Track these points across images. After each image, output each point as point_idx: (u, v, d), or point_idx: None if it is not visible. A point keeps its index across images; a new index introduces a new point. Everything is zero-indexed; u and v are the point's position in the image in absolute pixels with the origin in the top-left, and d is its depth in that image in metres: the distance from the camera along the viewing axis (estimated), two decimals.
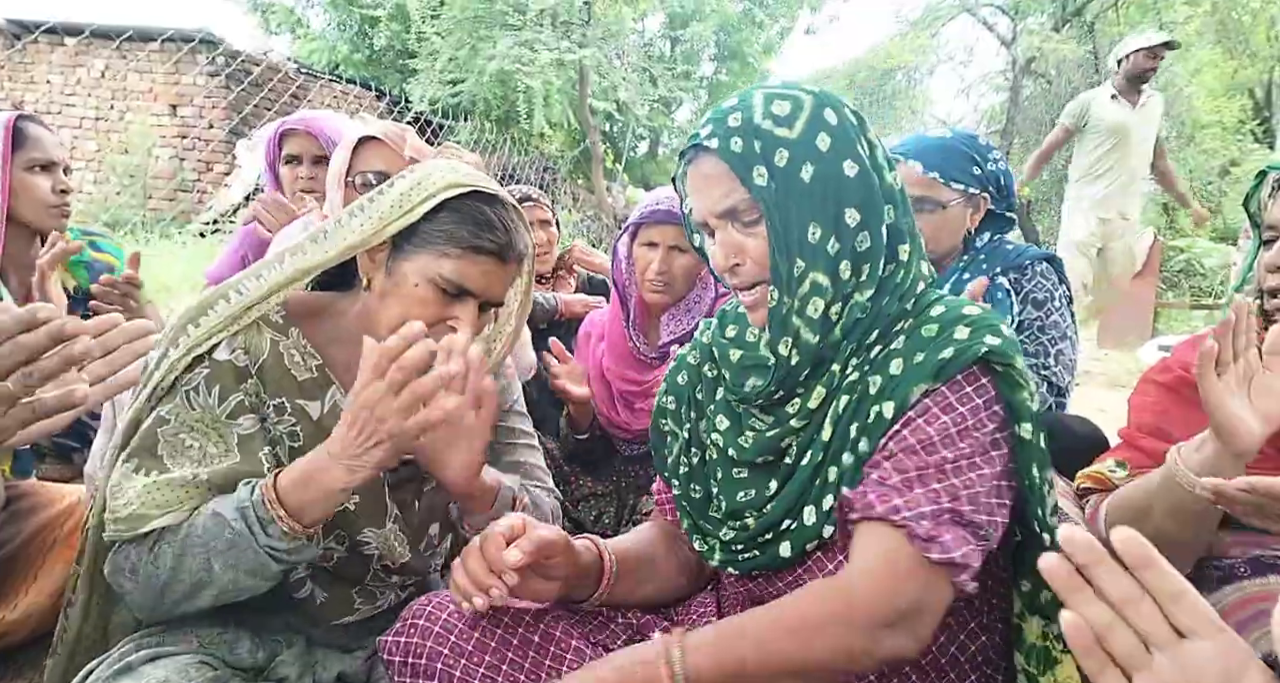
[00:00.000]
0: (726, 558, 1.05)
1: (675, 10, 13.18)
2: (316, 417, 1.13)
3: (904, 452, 0.89)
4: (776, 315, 0.97)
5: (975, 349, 0.90)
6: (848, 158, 0.96)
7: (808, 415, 0.99)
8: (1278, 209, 1.21)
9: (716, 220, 0.99)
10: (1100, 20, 12.14)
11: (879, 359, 0.96)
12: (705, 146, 0.97)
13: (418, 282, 1.10)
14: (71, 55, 8.71)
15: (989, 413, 0.91)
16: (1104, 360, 7.76)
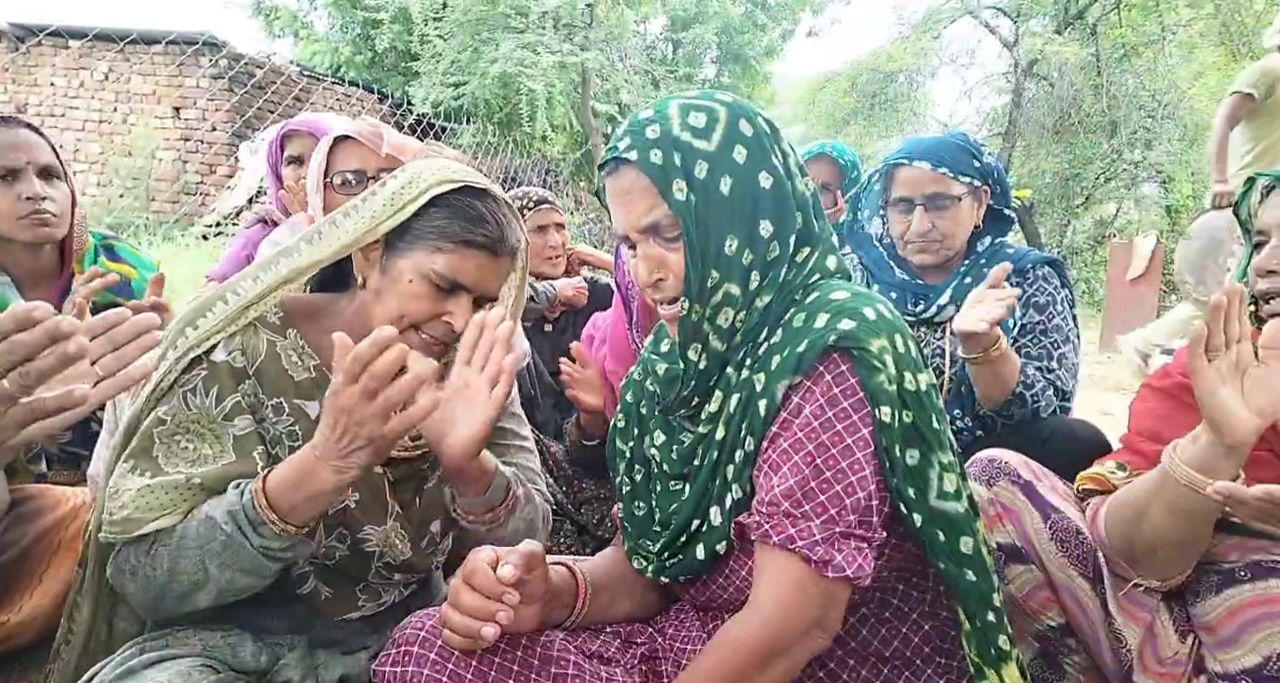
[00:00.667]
0: (656, 567, 1.08)
1: (677, 13, 13.19)
2: (315, 415, 1.13)
3: (781, 458, 0.92)
4: (687, 324, 0.99)
5: (825, 337, 0.91)
6: (763, 169, 0.98)
7: (712, 419, 1.02)
8: (1267, 214, 1.22)
9: (638, 235, 0.99)
10: (1102, 23, 12.13)
11: (763, 356, 0.98)
12: (625, 159, 0.97)
13: (411, 278, 1.11)
14: (75, 58, 8.73)
15: (850, 403, 0.92)
16: (1107, 364, 7.75)
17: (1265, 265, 1.20)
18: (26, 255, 1.78)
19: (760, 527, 0.92)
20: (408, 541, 1.21)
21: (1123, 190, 13.83)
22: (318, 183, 1.81)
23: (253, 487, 1.01)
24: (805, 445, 0.91)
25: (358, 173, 1.78)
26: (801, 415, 0.92)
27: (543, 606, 1.01)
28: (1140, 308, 8.80)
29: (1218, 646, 1.18)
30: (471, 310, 1.15)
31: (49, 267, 1.83)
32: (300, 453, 1.01)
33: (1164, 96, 11.89)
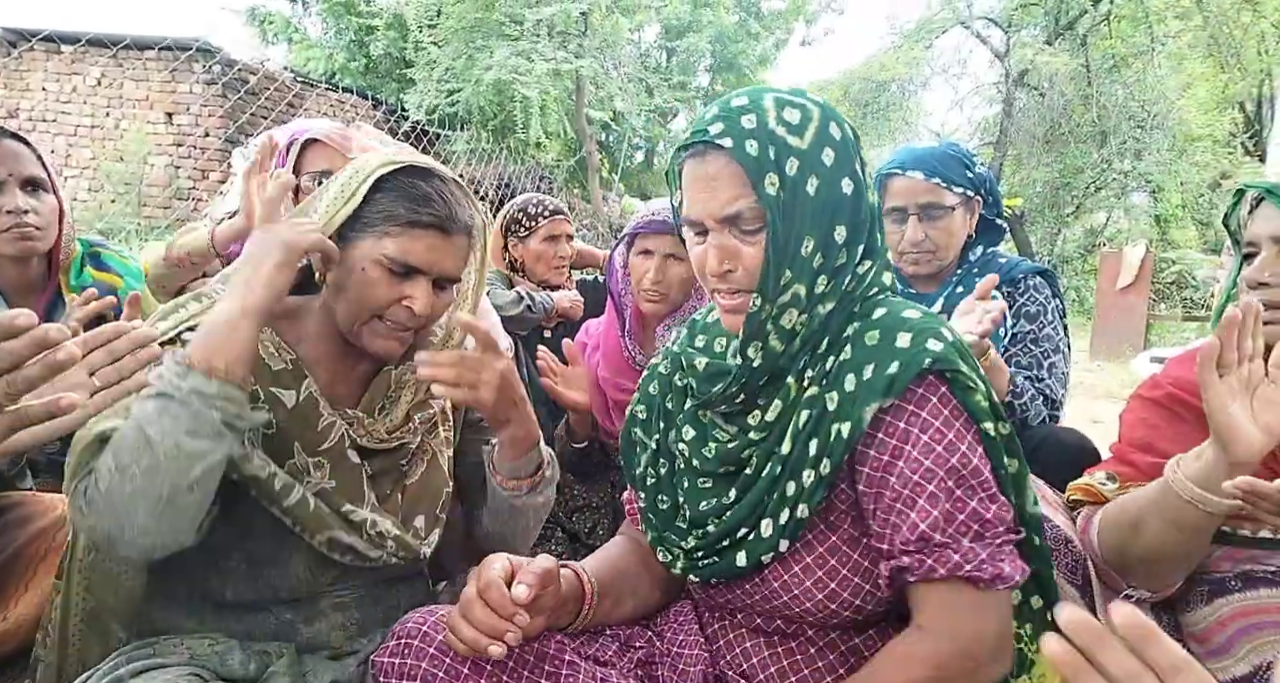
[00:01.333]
0: (687, 565, 1.07)
1: (671, 22, 13.27)
2: (291, 405, 1.14)
3: (915, 492, 0.91)
4: (753, 321, 0.96)
5: (920, 359, 0.91)
6: (846, 175, 0.97)
7: (766, 428, 1.01)
8: (1256, 226, 1.22)
9: (716, 223, 0.97)
10: (1093, 34, 12.23)
11: (834, 372, 0.97)
12: (718, 144, 0.94)
13: (364, 266, 1.11)
14: (67, 63, 8.70)
15: (960, 423, 0.93)
16: (1097, 372, 7.78)
17: (1256, 277, 1.20)
18: (12, 267, 1.77)
19: (921, 565, 0.90)
20: (391, 524, 1.19)
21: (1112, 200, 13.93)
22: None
23: (167, 353, 0.99)
24: (936, 473, 0.90)
25: (324, 173, 1.78)
26: (919, 443, 0.91)
27: (549, 614, 1.01)
28: (1130, 316, 8.85)
29: (1208, 655, 1.18)
30: (431, 293, 1.14)
31: (36, 278, 1.81)
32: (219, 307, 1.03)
33: (1153, 107, 12.00)
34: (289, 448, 1.13)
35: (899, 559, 0.92)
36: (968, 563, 0.89)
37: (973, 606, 0.90)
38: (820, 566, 0.98)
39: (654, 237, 1.88)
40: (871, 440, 0.94)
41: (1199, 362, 1.02)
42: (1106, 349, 8.72)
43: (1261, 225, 1.21)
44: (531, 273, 2.69)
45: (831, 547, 0.98)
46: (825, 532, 0.98)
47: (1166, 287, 11.22)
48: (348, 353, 1.20)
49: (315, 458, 1.15)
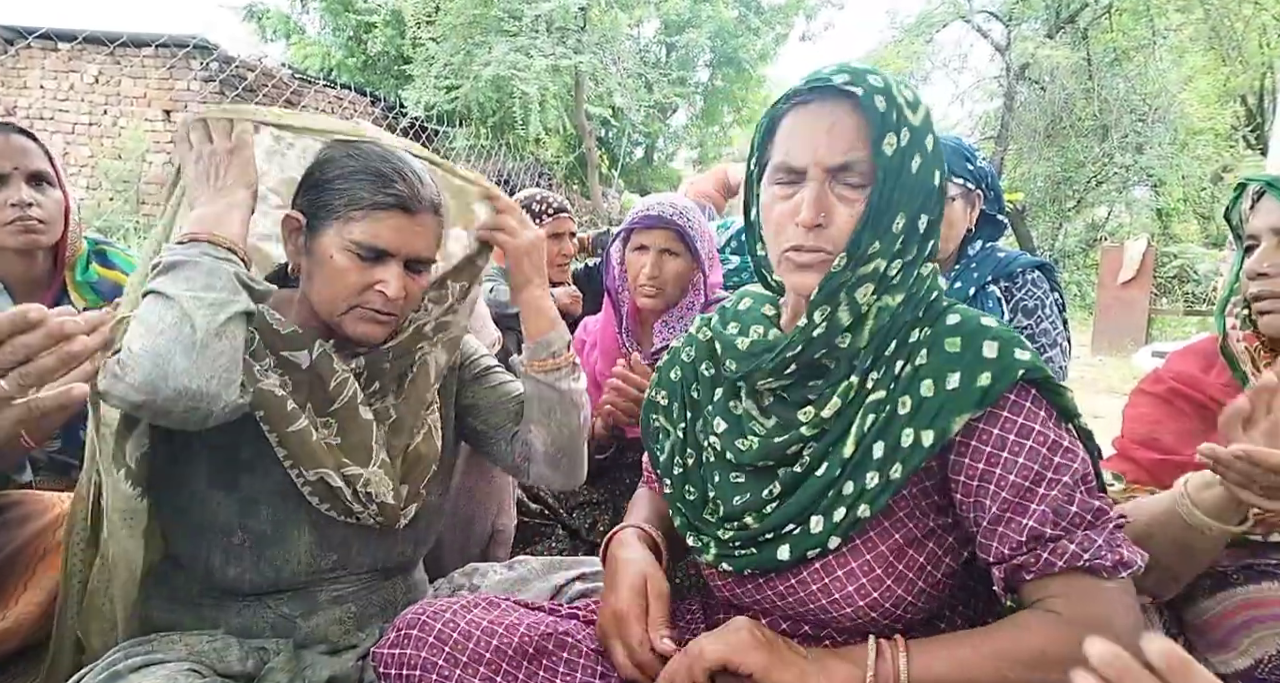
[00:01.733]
0: (721, 554, 1.03)
1: (671, 17, 13.24)
2: (305, 365, 1.14)
3: (1025, 498, 0.89)
4: (831, 283, 0.92)
5: (1014, 370, 0.89)
6: (936, 167, 0.95)
7: (820, 425, 0.97)
8: (1258, 219, 1.22)
9: (819, 172, 0.92)
10: (1093, 27, 12.21)
11: (905, 377, 0.94)
12: (846, 91, 0.91)
13: (333, 253, 1.10)
14: (64, 61, 8.69)
15: (1054, 423, 0.92)
16: (1099, 366, 7.78)
17: (1255, 268, 1.20)
18: (18, 262, 1.77)
19: (1038, 561, 0.88)
20: (391, 488, 1.18)
21: (1114, 194, 13.93)
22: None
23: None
24: (1044, 474, 0.89)
25: None
26: (1022, 449, 0.89)
27: None
28: (1131, 311, 8.85)
29: (1209, 649, 1.18)
30: (403, 275, 1.13)
31: (41, 274, 1.81)
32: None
33: (1154, 101, 11.98)
34: (301, 408, 1.13)
35: (1009, 564, 0.89)
36: (1085, 552, 0.87)
37: (1098, 595, 0.87)
38: (865, 572, 0.95)
39: (649, 231, 1.88)
40: (965, 450, 0.91)
41: (1224, 420, 1.01)
42: (1108, 344, 8.73)
43: (1262, 218, 1.21)
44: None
45: (879, 554, 0.95)
46: (875, 538, 0.95)
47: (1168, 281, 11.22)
48: (334, 335, 1.20)
49: (324, 417, 1.15)
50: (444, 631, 1.01)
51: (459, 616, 1.03)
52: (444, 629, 1.01)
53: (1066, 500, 0.88)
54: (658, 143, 17.00)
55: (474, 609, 1.05)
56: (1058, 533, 0.88)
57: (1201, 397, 1.26)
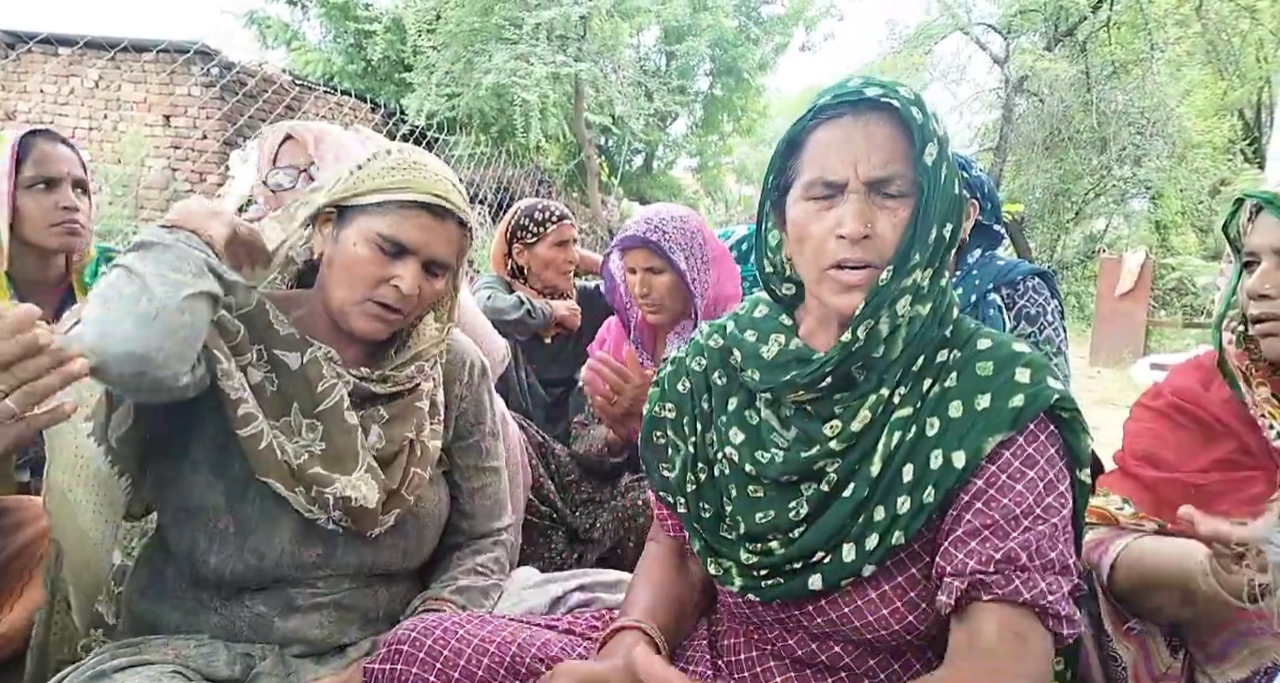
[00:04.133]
0: (748, 584, 0.99)
1: (671, 25, 13.27)
2: (295, 367, 1.16)
3: (1010, 523, 0.87)
4: (879, 297, 0.90)
5: (1046, 396, 0.89)
6: (957, 179, 0.94)
7: (849, 440, 0.94)
8: (1257, 236, 1.21)
9: (859, 185, 0.91)
10: (1092, 40, 12.27)
11: (933, 397, 0.93)
12: (883, 103, 0.90)
13: (356, 242, 1.14)
14: (65, 65, 8.70)
15: (1061, 464, 0.91)
16: (1097, 378, 7.79)
17: (1257, 289, 1.19)
18: (37, 262, 1.84)
19: (1008, 584, 0.86)
20: (376, 489, 1.16)
21: (1112, 206, 13.98)
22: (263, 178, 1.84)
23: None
24: (1034, 510, 0.88)
25: (290, 168, 1.79)
26: (1024, 478, 0.89)
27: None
28: (1129, 323, 8.86)
29: (1208, 661, 1.17)
30: (420, 274, 1.16)
31: (54, 276, 1.88)
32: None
33: (1152, 113, 12.03)
34: (286, 408, 1.15)
35: (975, 577, 0.87)
36: (1051, 596, 0.85)
37: (1038, 642, 0.86)
38: (899, 595, 0.93)
39: (631, 252, 1.89)
40: (979, 470, 0.90)
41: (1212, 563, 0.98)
42: (1106, 355, 8.73)
43: (1261, 236, 1.21)
44: (539, 279, 2.67)
45: (911, 577, 0.93)
46: (906, 560, 0.93)
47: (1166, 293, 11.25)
48: (340, 334, 1.22)
49: (310, 419, 1.16)
50: (435, 648, 0.99)
51: (451, 632, 1.01)
52: (435, 646, 0.99)
53: (1048, 543, 0.87)
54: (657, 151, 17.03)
55: (466, 626, 1.03)
56: (1030, 566, 0.86)
57: (1202, 412, 1.26)
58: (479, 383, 1.39)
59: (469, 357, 1.39)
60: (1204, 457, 1.22)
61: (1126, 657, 1.22)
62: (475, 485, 1.36)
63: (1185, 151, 12.63)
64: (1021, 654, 0.84)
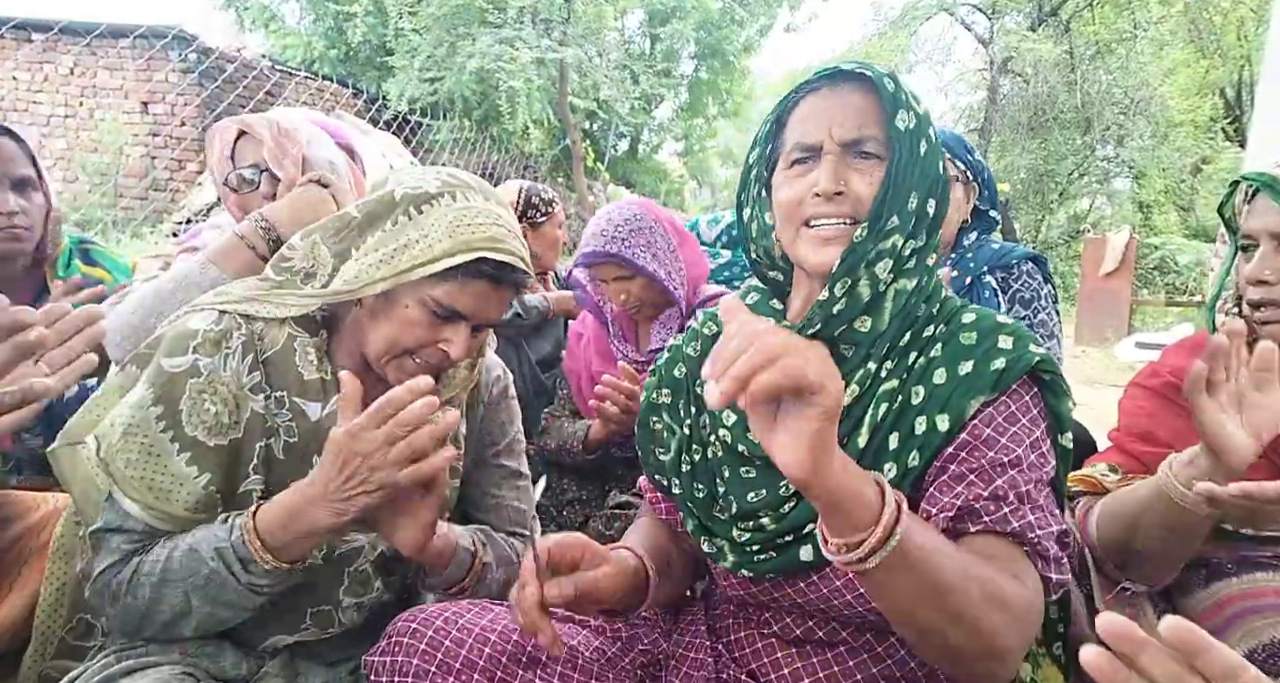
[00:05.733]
0: (741, 560, 1.00)
1: (655, 7, 13.17)
2: (315, 418, 1.11)
3: (995, 470, 0.88)
4: (851, 255, 0.93)
5: (1027, 359, 0.91)
6: (940, 159, 0.98)
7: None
8: (1255, 219, 1.22)
9: (834, 146, 0.95)
10: (1076, 20, 12.29)
11: (918, 368, 0.95)
12: (856, 74, 0.95)
13: (409, 303, 1.07)
14: (39, 52, 8.52)
15: (1046, 424, 0.94)
16: (1082, 357, 7.86)
17: (1256, 275, 1.19)
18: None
19: (997, 511, 0.86)
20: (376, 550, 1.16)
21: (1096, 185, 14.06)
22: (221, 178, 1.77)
23: (243, 523, 0.99)
24: (1020, 464, 0.89)
25: (252, 167, 1.73)
26: (1007, 433, 0.90)
27: (612, 599, 0.96)
28: (1114, 301, 8.94)
29: None
30: (469, 337, 1.11)
31: (20, 272, 1.79)
32: (295, 490, 0.99)
33: (1135, 93, 12.09)
34: (304, 464, 1.10)
35: (962, 508, 0.87)
36: (1038, 530, 0.86)
37: (1030, 575, 0.85)
38: None
39: (596, 267, 1.87)
40: (973, 431, 0.91)
41: (1188, 386, 1.03)
42: (1091, 334, 8.81)
43: (1259, 219, 1.21)
44: (539, 261, 2.65)
45: None
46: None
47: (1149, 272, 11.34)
48: (368, 372, 1.16)
49: None
50: (435, 637, 0.99)
51: (451, 622, 1.01)
52: (436, 636, 0.99)
53: (1034, 488, 0.89)
54: (643, 135, 16.94)
55: (466, 615, 1.03)
56: (1017, 504, 0.87)
57: None
58: (499, 402, 1.34)
59: (493, 373, 1.34)
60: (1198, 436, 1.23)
61: None
62: (491, 502, 1.32)
63: (1168, 131, 12.71)
64: (1014, 581, 0.83)
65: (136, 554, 1.04)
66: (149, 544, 1.04)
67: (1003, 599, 0.80)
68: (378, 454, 0.93)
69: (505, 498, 1.32)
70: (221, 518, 1.03)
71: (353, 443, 0.93)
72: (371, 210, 1.10)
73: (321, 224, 1.15)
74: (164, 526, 1.03)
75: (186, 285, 1.37)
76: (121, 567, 1.03)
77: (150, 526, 1.03)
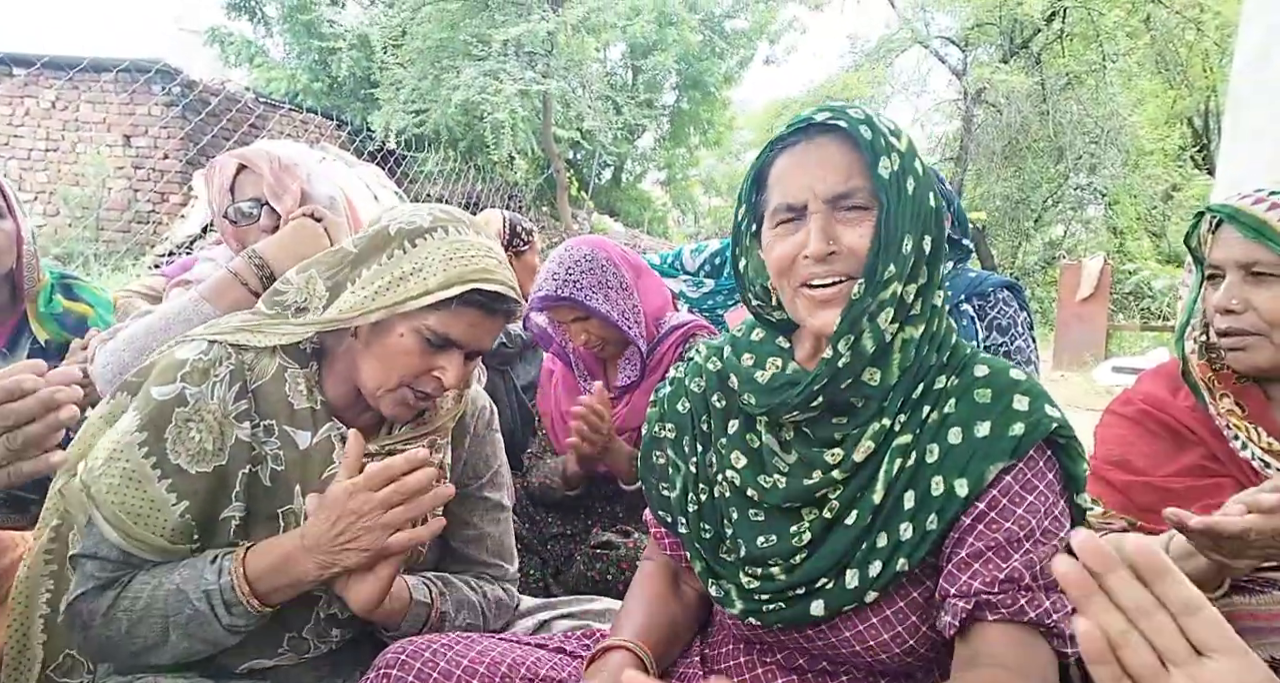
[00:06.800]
0: (750, 608, 0.99)
1: (637, 40, 13.37)
2: (304, 446, 1.12)
3: (1013, 545, 0.88)
4: (853, 311, 0.91)
5: (1045, 425, 0.90)
6: (931, 191, 0.95)
7: (852, 468, 0.95)
8: (1219, 250, 1.24)
9: (819, 204, 0.93)
10: (1046, 52, 12.59)
11: (932, 424, 0.94)
12: (831, 126, 0.93)
13: (403, 332, 1.08)
14: (19, 86, 8.51)
15: (1059, 488, 0.93)
16: (1060, 382, 7.93)
17: (1223, 304, 1.21)
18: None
19: (1014, 604, 0.86)
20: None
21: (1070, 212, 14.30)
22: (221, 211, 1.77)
23: (233, 569, 1.01)
24: (1035, 533, 0.89)
25: (253, 201, 1.75)
26: (1025, 503, 0.90)
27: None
28: (1090, 327, 9.06)
29: None
30: (463, 365, 1.13)
31: (1, 304, 1.77)
32: (285, 539, 1.01)
33: (1106, 123, 12.37)
34: (290, 492, 1.11)
35: (981, 597, 0.87)
36: (1056, 613, 0.87)
37: (1045, 657, 0.86)
38: (901, 620, 0.93)
39: (551, 311, 1.88)
40: (991, 501, 0.90)
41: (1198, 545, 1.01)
42: (1069, 359, 8.91)
43: (1224, 250, 1.23)
44: (523, 288, 2.68)
45: (913, 602, 0.93)
46: (908, 586, 0.93)
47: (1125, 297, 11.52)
48: (358, 401, 1.18)
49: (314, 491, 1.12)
50: (424, 669, 0.98)
51: (440, 654, 1.01)
52: (424, 668, 0.99)
53: (1048, 564, 0.87)
54: (626, 164, 17.10)
55: (455, 646, 1.02)
56: (1034, 586, 0.87)
57: (1171, 419, 1.28)
58: (485, 434, 1.33)
59: (479, 404, 1.34)
60: (1174, 463, 1.25)
61: None
62: (472, 534, 1.31)
63: (1138, 159, 12.99)
64: (1027, 670, 0.84)
65: (110, 587, 1.04)
66: (123, 575, 1.04)
67: None
68: (372, 515, 0.96)
69: (487, 530, 1.32)
70: (209, 558, 1.03)
71: (349, 501, 0.96)
72: (366, 245, 1.12)
73: (318, 259, 1.16)
74: (139, 553, 1.03)
75: (179, 322, 1.37)
76: (95, 596, 1.03)
77: (126, 554, 1.04)
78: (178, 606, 1.00)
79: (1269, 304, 1.17)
